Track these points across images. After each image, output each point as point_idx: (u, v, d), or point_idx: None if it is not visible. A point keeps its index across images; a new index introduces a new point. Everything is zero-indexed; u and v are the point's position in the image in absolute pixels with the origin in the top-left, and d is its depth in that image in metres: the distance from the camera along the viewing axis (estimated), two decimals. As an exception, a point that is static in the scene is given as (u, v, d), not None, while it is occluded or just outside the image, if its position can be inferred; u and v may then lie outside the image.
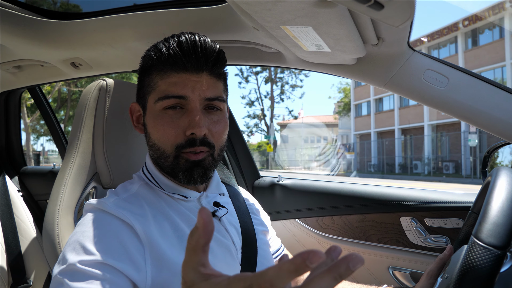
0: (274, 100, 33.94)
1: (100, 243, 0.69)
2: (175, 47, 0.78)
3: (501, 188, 0.67)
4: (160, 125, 0.79)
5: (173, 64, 0.79)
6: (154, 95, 0.81)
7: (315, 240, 1.56)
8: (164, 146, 0.80)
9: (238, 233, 0.90)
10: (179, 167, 0.80)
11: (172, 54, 0.78)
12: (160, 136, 0.79)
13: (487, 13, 19.71)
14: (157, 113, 0.80)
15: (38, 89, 2.15)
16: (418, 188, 1.47)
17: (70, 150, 0.99)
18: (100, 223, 0.73)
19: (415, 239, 1.37)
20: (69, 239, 0.72)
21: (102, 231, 0.71)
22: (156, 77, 0.81)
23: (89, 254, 0.67)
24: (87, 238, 0.70)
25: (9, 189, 1.73)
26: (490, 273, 0.55)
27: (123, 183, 0.89)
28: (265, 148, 29.27)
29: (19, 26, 1.17)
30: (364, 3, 0.64)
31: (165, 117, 0.79)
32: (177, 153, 0.79)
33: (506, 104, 1.03)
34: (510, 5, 18.29)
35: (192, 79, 0.79)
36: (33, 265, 1.66)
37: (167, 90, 0.79)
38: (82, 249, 0.68)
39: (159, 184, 0.85)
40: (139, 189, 0.84)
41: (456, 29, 21.68)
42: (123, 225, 0.73)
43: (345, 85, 34.86)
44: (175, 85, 0.78)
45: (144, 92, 0.84)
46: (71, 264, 0.67)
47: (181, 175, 0.80)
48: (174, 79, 0.79)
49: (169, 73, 0.79)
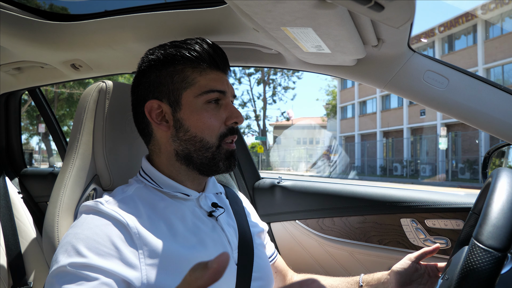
0: (266, 101, 34.05)
1: (92, 245, 0.69)
2: (209, 48, 0.86)
3: (502, 190, 0.67)
4: (206, 117, 0.84)
5: (211, 62, 0.86)
6: (193, 90, 0.84)
7: (315, 242, 1.56)
8: (208, 137, 0.84)
9: (235, 233, 0.92)
10: (220, 156, 0.86)
11: (209, 53, 0.86)
12: (205, 127, 0.84)
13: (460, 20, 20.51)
14: (199, 107, 0.84)
15: (38, 91, 2.15)
16: (419, 189, 1.47)
17: (70, 152, 0.99)
18: (93, 225, 0.73)
19: (416, 240, 1.36)
20: (61, 241, 0.73)
21: (95, 232, 0.71)
22: (192, 73, 0.85)
23: (81, 256, 0.68)
24: (79, 240, 0.70)
25: (9, 190, 1.73)
26: (490, 275, 0.55)
27: (119, 186, 0.89)
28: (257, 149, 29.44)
29: (19, 27, 1.17)
30: (364, 4, 0.64)
31: (209, 110, 0.85)
32: (219, 142, 0.86)
33: (506, 105, 1.03)
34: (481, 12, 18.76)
35: (224, 78, 0.89)
36: (33, 266, 1.65)
37: (209, 85, 0.85)
38: (73, 251, 0.69)
39: (159, 184, 0.86)
40: (136, 191, 0.85)
41: (433, 35, 22.47)
42: (116, 225, 0.74)
43: (333, 88, 35.19)
44: (216, 81, 0.86)
45: (174, 88, 0.85)
46: (62, 266, 0.67)
47: (221, 164, 0.86)
48: (213, 76, 0.86)
49: (207, 70, 0.86)
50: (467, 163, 18.42)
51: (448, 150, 19.10)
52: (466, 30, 20.85)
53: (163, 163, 0.88)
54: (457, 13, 20.94)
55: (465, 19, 20.27)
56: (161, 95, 0.86)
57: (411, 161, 22.23)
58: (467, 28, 20.67)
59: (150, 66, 0.87)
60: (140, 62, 0.91)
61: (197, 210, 0.87)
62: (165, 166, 0.88)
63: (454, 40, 21.80)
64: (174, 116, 0.85)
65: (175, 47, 0.86)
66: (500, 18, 18.79)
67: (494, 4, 18.50)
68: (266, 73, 33.27)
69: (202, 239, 0.82)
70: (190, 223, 0.83)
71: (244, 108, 35.23)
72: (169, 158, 0.87)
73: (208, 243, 0.83)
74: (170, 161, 0.87)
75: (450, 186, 15.57)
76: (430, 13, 42.88)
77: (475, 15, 19.41)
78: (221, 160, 0.86)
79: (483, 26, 19.59)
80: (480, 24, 19.60)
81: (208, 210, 0.89)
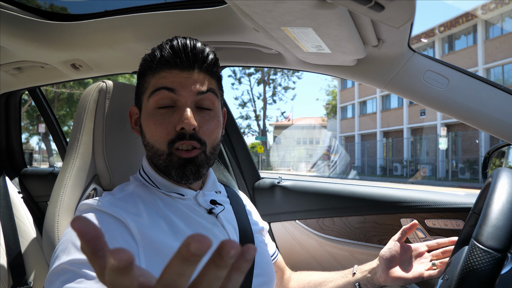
0: (266, 101, 34.08)
1: None
2: (167, 48, 0.83)
3: (502, 190, 0.67)
4: (153, 123, 0.81)
5: (165, 63, 0.82)
6: (147, 93, 0.84)
7: (315, 242, 1.56)
8: (157, 144, 0.81)
9: (235, 231, 0.92)
10: (172, 164, 0.81)
11: (164, 55, 0.82)
12: (153, 134, 0.81)
13: (460, 20, 20.55)
14: (150, 112, 0.82)
15: (38, 91, 2.15)
16: (419, 189, 1.47)
17: (70, 152, 0.99)
18: (94, 222, 0.72)
19: (416, 240, 1.36)
20: (61, 239, 0.73)
21: None
22: (149, 77, 0.85)
23: (80, 253, 0.67)
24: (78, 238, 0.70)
25: (10, 190, 1.73)
26: (490, 276, 0.55)
27: (119, 185, 0.90)
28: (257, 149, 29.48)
29: (19, 27, 1.17)
30: (365, 4, 0.64)
31: (157, 115, 0.81)
32: (169, 150, 0.81)
33: (506, 105, 1.03)
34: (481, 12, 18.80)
35: (182, 75, 0.82)
36: (33, 266, 1.65)
37: (157, 83, 0.82)
38: (73, 248, 0.68)
39: (155, 183, 0.87)
40: (135, 189, 0.86)
41: (433, 35, 22.54)
42: (116, 223, 0.74)
43: (333, 88, 35.26)
44: (165, 78, 0.82)
45: (139, 93, 0.88)
46: (62, 264, 0.67)
47: (174, 172, 0.82)
48: (164, 74, 0.83)
49: (159, 70, 0.83)
50: (467, 163, 18.46)
51: (448, 150, 19.15)
52: (466, 30, 20.91)
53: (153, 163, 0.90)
54: (457, 13, 21.03)
55: (465, 19, 20.35)
56: (136, 101, 0.90)
57: (411, 161, 22.30)
58: (467, 28, 20.72)
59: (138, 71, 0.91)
60: None
61: (196, 208, 0.87)
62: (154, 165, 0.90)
63: (454, 40, 21.87)
64: (140, 121, 0.88)
65: (149, 53, 0.87)
66: (500, 18, 18.84)
67: (494, 4, 18.55)
68: (266, 73, 33.33)
69: None
70: (191, 220, 0.84)
71: (244, 108, 35.34)
72: (151, 160, 0.89)
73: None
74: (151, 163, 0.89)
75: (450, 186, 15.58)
76: (430, 13, 42.97)
77: (475, 15, 19.50)
78: (173, 168, 0.82)
79: (483, 26, 19.65)
80: (480, 24, 19.66)
81: (207, 207, 0.89)
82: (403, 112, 24.44)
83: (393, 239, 1.02)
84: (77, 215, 0.78)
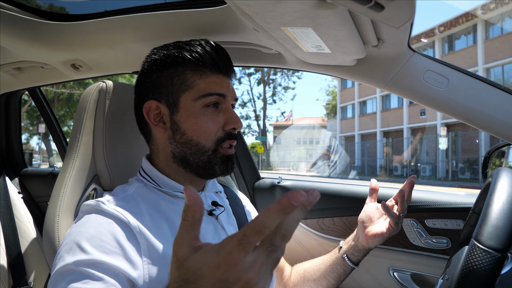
0: (266, 101, 34.06)
1: (95, 242, 0.69)
2: (211, 51, 0.85)
3: (502, 190, 0.67)
4: (203, 121, 0.84)
5: (212, 65, 0.85)
6: (192, 93, 0.84)
7: (315, 242, 1.56)
8: (204, 141, 0.84)
9: (235, 230, 0.92)
10: (216, 160, 0.86)
11: (211, 56, 0.85)
12: (201, 132, 0.84)
13: (460, 20, 20.59)
14: (197, 110, 0.84)
15: (38, 91, 2.16)
16: (419, 189, 1.47)
17: (70, 152, 0.99)
18: (97, 223, 0.73)
19: (416, 240, 1.36)
20: (64, 239, 0.73)
21: (99, 230, 0.72)
22: (192, 76, 0.84)
23: (85, 253, 0.68)
24: (83, 238, 0.70)
25: (10, 190, 1.73)
26: (490, 275, 0.55)
27: (120, 185, 0.90)
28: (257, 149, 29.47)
29: (19, 27, 1.17)
30: (365, 4, 0.64)
31: (206, 114, 0.84)
32: (216, 146, 0.85)
33: (506, 105, 1.03)
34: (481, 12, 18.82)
35: (226, 81, 0.88)
36: (33, 266, 1.65)
37: (208, 88, 0.84)
38: (78, 249, 0.69)
39: (158, 183, 0.87)
40: (137, 189, 0.86)
41: (432, 35, 22.57)
42: (119, 224, 0.74)
43: (333, 88, 35.28)
44: (215, 84, 0.85)
45: (173, 90, 0.85)
46: (67, 264, 0.67)
47: (217, 168, 0.86)
48: (213, 79, 0.85)
49: (208, 73, 0.85)
50: (467, 163, 18.44)
51: (448, 150, 19.14)
52: (466, 30, 20.91)
53: (161, 163, 0.89)
54: (457, 13, 21.02)
55: (465, 19, 20.35)
56: (160, 96, 0.86)
57: (411, 161, 22.26)
58: (467, 28, 20.72)
59: (151, 66, 0.87)
60: (144, 61, 0.91)
61: None
62: (163, 166, 0.89)
63: (454, 40, 21.88)
64: (171, 118, 0.85)
65: (178, 48, 0.86)
66: (500, 18, 18.84)
67: (494, 4, 18.55)
68: (266, 73, 33.32)
69: (204, 237, 0.83)
70: None
71: (244, 108, 35.30)
72: (167, 159, 0.88)
73: (209, 241, 0.82)
74: (168, 162, 0.88)
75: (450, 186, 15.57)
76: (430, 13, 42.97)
77: (475, 15, 19.49)
78: (217, 163, 0.86)
79: (483, 26, 19.65)
80: (480, 24, 19.67)
81: (208, 209, 0.90)
82: (403, 112, 24.43)
83: (367, 202, 1.08)
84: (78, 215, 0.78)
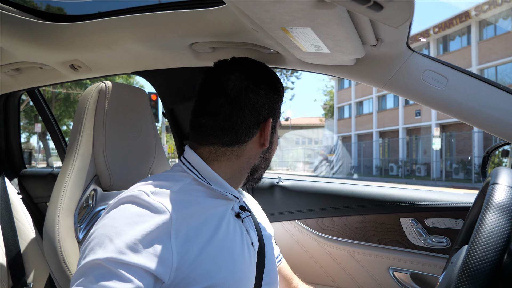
0: (265, 101, 34.04)
1: (129, 240, 0.66)
2: None
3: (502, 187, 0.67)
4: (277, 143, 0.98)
5: None
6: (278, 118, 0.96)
7: (315, 242, 1.56)
8: None
9: (256, 237, 0.92)
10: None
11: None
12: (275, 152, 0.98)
13: (454, 21, 20.62)
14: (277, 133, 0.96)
15: (37, 92, 2.15)
16: (418, 188, 1.47)
17: (70, 153, 0.99)
18: (131, 220, 0.69)
19: (415, 239, 1.37)
20: (96, 231, 0.70)
21: (134, 228, 0.68)
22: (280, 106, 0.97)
23: (117, 252, 0.65)
24: (117, 234, 0.67)
25: (9, 191, 1.73)
26: (492, 270, 0.55)
27: (163, 173, 0.86)
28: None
29: (18, 28, 1.17)
30: (364, 4, 0.64)
31: None
32: None
33: (505, 104, 1.03)
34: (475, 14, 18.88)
35: None
36: (32, 267, 1.65)
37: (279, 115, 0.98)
38: (110, 245, 0.66)
39: (208, 180, 0.84)
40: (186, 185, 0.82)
41: (427, 35, 22.65)
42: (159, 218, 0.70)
43: (331, 88, 35.33)
44: None
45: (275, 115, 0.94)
46: (98, 259, 0.65)
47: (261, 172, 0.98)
48: None
49: None
50: (461, 163, 18.49)
51: (442, 150, 19.16)
52: (460, 31, 20.91)
53: (224, 167, 0.86)
54: (452, 14, 21.09)
55: (459, 20, 20.34)
56: (274, 116, 0.93)
57: (407, 161, 22.33)
58: (462, 29, 20.72)
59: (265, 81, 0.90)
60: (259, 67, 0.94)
61: (231, 211, 0.87)
62: (224, 169, 0.86)
63: (449, 41, 21.87)
64: (271, 138, 0.92)
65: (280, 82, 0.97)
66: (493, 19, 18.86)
67: (487, 5, 18.59)
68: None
69: (232, 237, 0.82)
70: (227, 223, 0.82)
71: (243, 108, 35.20)
72: (241, 168, 0.89)
73: (239, 243, 0.83)
74: (234, 168, 0.88)
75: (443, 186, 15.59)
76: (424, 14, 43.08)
77: (469, 16, 19.53)
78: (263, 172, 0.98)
79: (477, 27, 19.64)
80: (474, 25, 19.66)
81: (236, 211, 0.89)
82: (399, 112, 24.43)
83: None
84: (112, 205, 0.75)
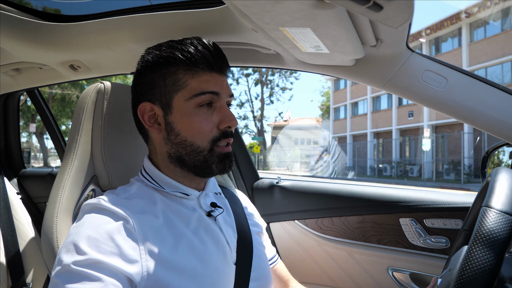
0: (264, 102, 34.07)
1: (92, 242, 0.70)
2: (203, 49, 0.84)
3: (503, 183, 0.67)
4: (197, 122, 0.83)
5: (205, 64, 0.84)
6: (184, 93, 0.83)
7: (314, 242, 1.56)
8: (199, 141, 0.84)
9: (233, 233, 0.92)
10: (212, 159, 0.85)
11: (203, 55, 0.84)
12: (196, 132, 0.83)
13: (445, 23, 20.66)
14: (190, 110, 0.83)
15: (37, 92, 2.15)
16: (417, 189, 1.47)
17: (69, 153, 0.99)
18: (94, 223, 0.74)
19: (415, 240, 1.37)
20: (64, 241, 0.73)
21: (95, 230, 0.72)
22: (184, 76, 0.84)
23: (83, 254, 0.68)
24: (81, 238, 0.70)
25: (8, 191, 1.73)
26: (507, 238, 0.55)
27: (121, 186, 0.90)
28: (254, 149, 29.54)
29: (17, 28, 1.17)
30: (363, 4, 0.64)
31: (200, 114, 0.84)
32: (211, 146, 0.85)
33: (505, 105, 1.03)
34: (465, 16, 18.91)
35: (219, 78, 0.87)
36: (32, 267, 1.65)
37: (201, 87, 0.83)
38: (75, 250, 0.69)
39: (159, 184, 0.87)
40: (138, 189, 0.86)
41: (420, 37, 22.70)
42: (118, 221, 0.74)
43: (327, 89, 35.35)
44: (208, 83, 0.84)
45: (166, 91, 0.84)
46: (65, 265, 0.68)
47: (214, 167, 0.86)
48: (206, 78, 0.84)
49: (200, 72, 0.84)
50: (452, 164, 18.55)
51: (433, 151, 19.22)
52: (452, 33, 20.91)
53: (160, 163, 0.89)
54: (443, 16, 21.10)
55: (449, 22, 20.37)
56: (153, 98, 0.86)
57: (400, 162, 22.40)
58: (453, 31, 20.73)
59: (145, 67, 0.87)
60: (138, 61, 0.91)
61: (197, 209, 0.88)
62: (162, 166, 0.89)
63: (441, 42, 21.87)
64: (165, 119, 0.85)
65: (170, 48, 0.85)
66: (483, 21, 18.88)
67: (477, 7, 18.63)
68: (264, 74, 33.33)
69: (202, 238, 0.83)
70: (190, 222, 0.84)
71: (242, 109, 35.29)
72: (164, 159, 0.88)
73: (208, 242, 0.84)
74: (165, 162, 0.89)
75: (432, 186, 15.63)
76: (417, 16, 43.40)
77: (460, 18, 19.57)
78: (213, 163, 0.86)
79: (468, 29, 19.66)
80: (465, 27, 19.70)
81: (207, 210, 0.90)
82: (392, 113, 24.42)
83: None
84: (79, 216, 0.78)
